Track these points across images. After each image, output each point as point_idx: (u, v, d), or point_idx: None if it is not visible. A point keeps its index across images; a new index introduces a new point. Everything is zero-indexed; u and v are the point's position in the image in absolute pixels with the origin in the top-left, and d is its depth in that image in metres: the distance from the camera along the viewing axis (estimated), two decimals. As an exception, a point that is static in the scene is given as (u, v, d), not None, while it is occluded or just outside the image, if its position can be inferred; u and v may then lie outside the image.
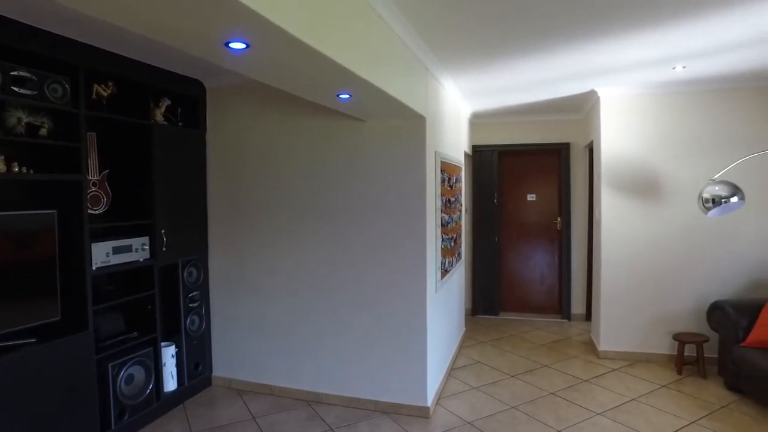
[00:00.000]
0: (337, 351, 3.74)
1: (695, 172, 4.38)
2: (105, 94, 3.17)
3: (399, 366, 3.57)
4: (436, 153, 3.81)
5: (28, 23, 2.55)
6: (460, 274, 5.18)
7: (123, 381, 3.15)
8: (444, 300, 4.20)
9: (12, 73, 2.54)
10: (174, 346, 3.68)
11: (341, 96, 2.77)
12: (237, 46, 1.83)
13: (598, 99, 4.68)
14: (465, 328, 5.60)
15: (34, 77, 2.62)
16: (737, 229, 4.34)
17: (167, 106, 3.61)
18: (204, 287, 3.99)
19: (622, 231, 4.58)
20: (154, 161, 3.42)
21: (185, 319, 3.76)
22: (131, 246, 3.26)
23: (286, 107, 3.81)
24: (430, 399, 3.55)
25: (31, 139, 2.71)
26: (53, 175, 2.79)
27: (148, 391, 3.34)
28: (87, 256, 2.91)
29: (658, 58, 3.50)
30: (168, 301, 3.70)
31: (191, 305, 3.83)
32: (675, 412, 3.51)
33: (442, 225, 4.02)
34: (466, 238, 6.06)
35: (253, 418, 3.51)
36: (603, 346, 4.68)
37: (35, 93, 2.63)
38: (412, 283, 3.52)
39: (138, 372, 3.28)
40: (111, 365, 3.07)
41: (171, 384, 3.63)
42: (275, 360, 3.91)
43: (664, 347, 4.53)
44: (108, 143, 3.33)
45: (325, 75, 2.29)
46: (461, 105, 5.18)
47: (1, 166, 2.55)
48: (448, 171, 4.28)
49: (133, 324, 3.41)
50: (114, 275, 3.32)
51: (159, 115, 3.54)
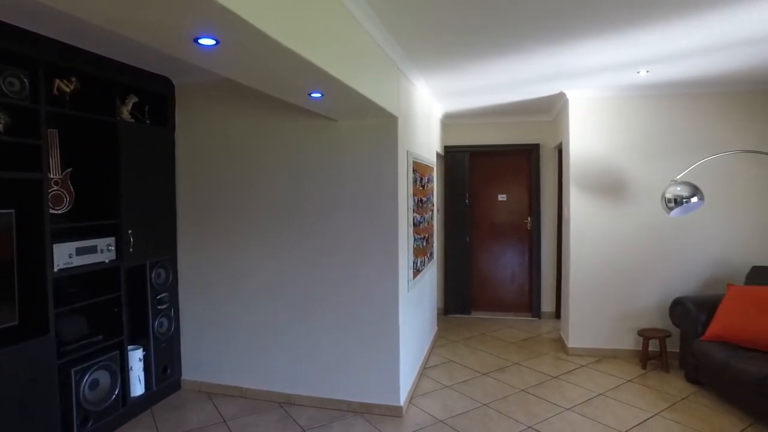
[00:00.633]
0: (310, 351, 3.71)
1: (659, 172, 4.53)
2: (68, 89, 3.07)
3: (372, 366, 3.57)
4: (408, 153, 3.82)
5: (-18, 14, 2.45)
6: (432, 273, 5.21)
7: (87, 386, 3.05)
8: (416, 299, 4.22)
9: (-34, 67, 2.43)
10: (141, 349, 3.58)
11: (313, 95, 2.75)
12: (206, 42, 1.80)
13: (566, 101, 4.79)
14: (437, 327, 5.64)
15: (-12, 70, 2.52)
16: (697, 229, 4.51)
17: (134, 103, 3.52)
18: (173, 289, 3.91)
19: (589, 230, 4.69)
20: (120, 160, 3.33)
21: (153, 322, 3.68)
22: (96, 247, 3.16)
23: (257, 106, 3.77)
24: (402, 398, 3.56)
25: (-13, 136, 2.61)
26: (11, 173, 2.68)
27: (113, 397, 3.25)
28: (48, 257, 2.80)
29: (623, 62, 3.60)
30: (135, 304, 3.60)
31: (160, 307, 3.74)
32: (639, 405, 3.62)
33: (414, 225, 4.04)
34: (437, 237, 6.10)
35: (224, 421, 3.45)
36: (572, 343, 4.78)
37: (-10, 87, 2.53)
38: (384, 283, 3.52)
39: (103, 377, 3.18)
40: (74, 370, 2.97)
41: (138, 388, 3.54)
42: (246, 362, 3.86)
43: (629, 343, 4.66)
44: (71, 141, 3.23)
45: (297, 73, 2.27)
46: (433, 106, 5.22)
47: (-44, 163, 2.44)
48: (420, 171, 4.30)
49: (99, 327, 3.31)
50: (78, 277, 3.21)
51: (125, 113, 3.44)
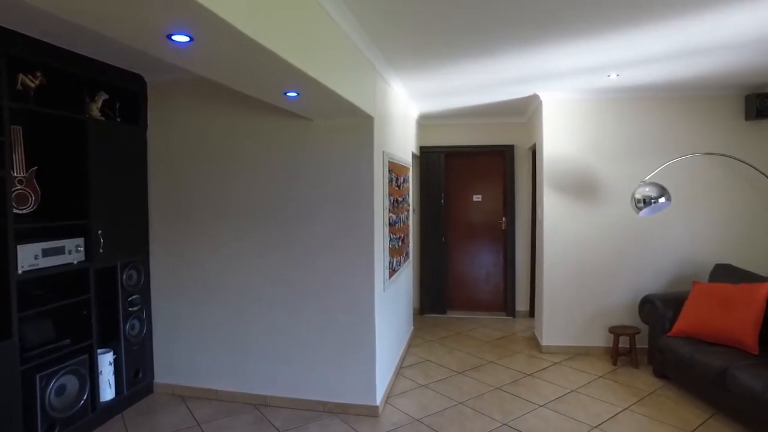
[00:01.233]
0: (285, 352, 3.68)
1: (629, 174, 4.65)
2: (32, 85, 2.98)
3: (348, 366, 3.57)
4: (384, 153, 3.84)
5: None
6: (407, 273, 5.23)
7: (53, 392, 2.95)
8: (392, 299, 4.23)
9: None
10: (112, 352, 3.50)
11: (289, 94, 2.74)
12: (180, 39, 1.77)
13: (540, 103, 4.87)
14: (413, 326, 5.67)
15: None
16: (665, 228, 4.64)
17: (104, 100, 3.43)
18: (145, 290, 3.83)
19: (562, 230, 4.79)
20: (89, 158, 3.24)
21: (125, 324, 3.59)
22: (64, 247, 3.07)
23: (231, 105, 3.72)
24: (379, 398, 3.57)
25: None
26: (-26, 172, 2.59)
27: (81, 402, 3.16)
28: (12, 258, 2.71)
29: (594, 65, 3.69)
30: (106, 306, 3.51)
31: (131, 309, 3.66)
32: (610, 400, 3.71)
33: (389, 225, 4.05)
34: (413, 237, 6.13)
35: (198, 424, 3.40)
36: (545, 341, 4.86)
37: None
38: (360, 283, 3.53)
39: (70, 382, 3.09)
40: (39, 376, 2.87)
41: (108, 393, 3.45)
42: (221, 364, 3.81)
43: (601, 340, 4.77)
44: (37, 138, 3.13)
45: (273, 72, 2.25)
46: (409, 106, 5.24)
47: None
48: (395, 171, 4.32)
49: (67, 331, 3.22)
50: (44, 279, 3.12)
51: (95, 110, 3.36)
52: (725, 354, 3.43)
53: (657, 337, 4.10)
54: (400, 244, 4.53)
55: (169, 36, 1.73)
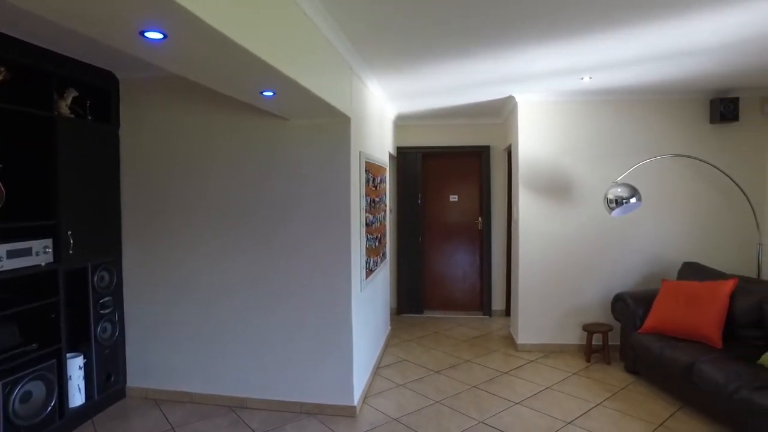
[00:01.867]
0: (261, 353, 3.65)
1: (602, 174, 4.75)
2: (-2, 81, 2.88)
3: (325, 366, 3.55)
4: (360, 153, 3.84)
5: None
6: (384, 273, 5.24)
7: (17, 400, 2.85)
8: (369, 299, 4.24)
9: None
10: (82, 356, 3.41)
11: (265, 93, 2.71)
12: (153, 36, 1.73)
13: (515, 104, 4.94)
14: (390, 326, 5.68)
15: None
16: (636, 228, 4.76)
17: (74, 97, 3.35)
18: (117, 292, 3.74)
19: (537, 230, 4.86)
20: (58, 157, 3.16)
21: (96, 327, 3.51)
22: (31, 249, 2.98)
23: (206, 103, 3.67)
24: (356, 398, 3.56)
25: None
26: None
27: (49, 409, 3.06)
28: (-23, 260, 2.62)
29: (567, 68, 3.76)
30: (76, 309, 3.43)
31: (103, 312, 3.57)
32: (583, 396, 3.79)
33: (366, 225, 4.06)
34: (390, 237, 6.15)
35: (172, 428, 3.34)
36: (521, 339, 4.93)
37: None
38: (337, 283, 3.52)
39: (37, 388, 2.99)
40: (3, 383, 2.77)
41: (78, 398, 3.36)
42: (195, 366, 3.75)
43: (575, 338, 4.86)
44: (2, 136, 3.03)
45: (248, 71, 2.23)
46: (386, 107, 5.25)
47: None
48: (372, 171, 4.33)
49: (34, 335, 3.12)
50: (10, 281, 3.02)
51: (64, 107, 3.27)
52: (692, 349, 3.53)
53: (628, 334, 4.20)
54: (377, 244, 4.53)
55: (142, 33, 1.70)
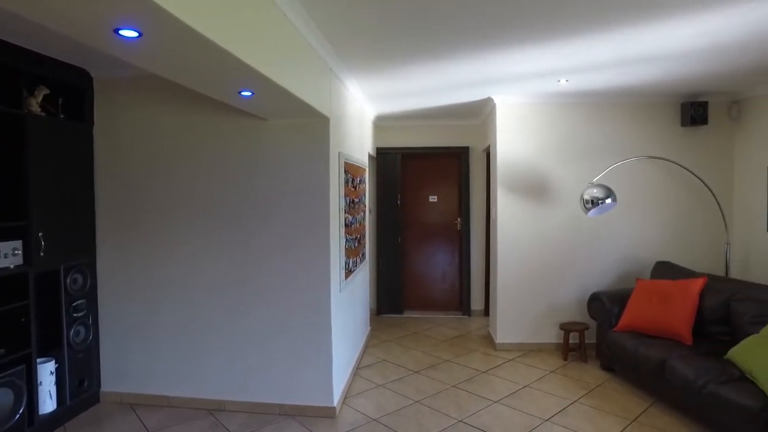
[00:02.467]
0: (240, 356, 3.61)
1: (578, 175, 4.84)
2: (-35, 78, 2.80)
3: (304, 367, 3.54)
4: (339, 154, 3.83)
5: None
6: (364, 274, 5.24)
7: (-17, 407, 2.77)
8: (349, 300, 4.23)
9: None
10: (54, 361, 3.33)
11: (243, 93, 2.69)
12: (128, 34, 1.70)
13: (494, 106, 5.00)
14: (370, 327, 5.68)
15: None
16: (611, 228, 4.86)
17: (45, 95, 3.27)
18: (92, 294, 3.66)
19: (515, 230, 4.92)
20: (28, 156, 3.07)
21: (68, 331, 3.42)
22: (-1, 251, 2.90)
23: (184, 102, 3.62)
24: (336, 399, 3.56)
25: None
26: None
27: (17, 417, 2.96)
28: (-57, 263, 2.54)
29: (544, 70, 3.82)
30: (47, 312, 3.34)
31: (76, 315, 3.49)
32: (561, 394, 3.85)
33: (345, 225, 4.05)
34: (370, 238, 6.15)
35: (148, 433, 3.29)
36: (500, 338, 4.99)
37: None
38: (315, 284, 3.51)
39: (4, 395, 2.89)
40: (-31, 390, 2.70)
41: (49, 405, 3.27)
42: (173, 369, 3.69)
43: (553, 336, 4.93)
44: (-30, 135, 2.95)
45: (226, 70, 2.21)
46: (365, 107, 5.26)
47: None
48: (351, 172, 4.32)
49: (2, 340, 3.03)
50: (-22, 285, 2.94)
51: (35, 105, 3.19)
52: (664, 346, 3.62)
53: (604, 332, 4.28)
54: (356, 244, 4.53)
55: (117, 31, 1.67)
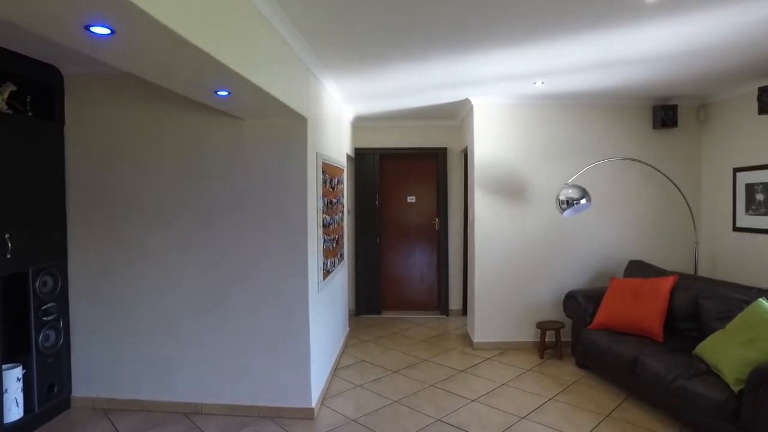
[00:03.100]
0: (216, 358, 3.57)
1: (554, 176, 4.92)
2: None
3: (282, 369, 3.51)
4: (317, 154, 3.82)
5: None
6: (342, 274, 5.23)
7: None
8: (327, 301, 4.22)
9: None
10: (21, 367, 3.22)
11: (219, 93, 2.66)
12: (100, 30, 1.67)
13: (471, 107, 5.04)
14: (349, 327, 5.67)
15: None
16: (586, 227, 4.95)
17: (11, 92, 3.17)
18: (62, 297, 3.57)
19: (493, 230, 4.97)
20: (-5, 156, 2.99)
21: (37, 335, 3.33)
22: (-35, 253, 2.81)
23: (159, 101, 3.56)
24: (314, 400, 3.54)
25: None
26: None
27: (-18, 424, 2.88)
28: None
29: (520, 73, 3.87)
30: (14, 316, 3.24)
31: (45, 319, 3.40)
32: (537, 391, 3.90)
33: (323, 226, 4.04)
34: (348, 239, 6.14)
35: (121, 438, 3.22)
36: (477, 338, 5.03)
37: None
38: (293, 285, 3.49)
39: (-29, 401, 2.82)
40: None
41: (15, 412, 3.16)
42: (147, 372, 3.62)
43: (529, 335, 5.00)
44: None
45: (201, 70, 2.18)
46: (344, 108, 5.25)
47: None
48: (329, 172, 4.31)
49: (-32, 344, 2.94)
50: (-58, 288, 2.83)
51: (0, 102, 3.09)
52: (636, 343, 3.71)
53: (579, 330, 4.36)
54: (334, 245, 4.52)
55: (88, 27, 1.64)
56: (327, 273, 4.12)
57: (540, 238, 4.96)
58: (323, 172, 4.01)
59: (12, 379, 3.14)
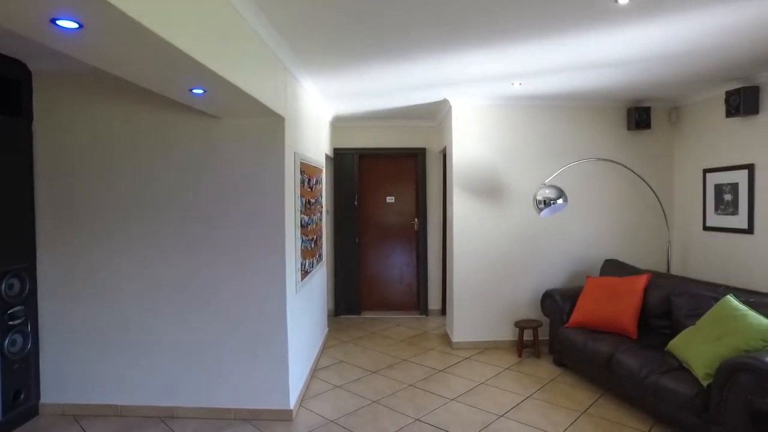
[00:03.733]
0: (191, 360, 3.50)
1: (532, 176, 4.97)
2: None
3: (260, 371, 3.47)
4: (295, 154, 3.78)
5: None
6: (321, 275, 5.20)
7: None
8: (305, 301, 4.18)
9: None
10: (-13, 372, 3.12)
11: (195, 91, 2.61)
12: (66, 24, 1.62)
13: (450, 108, 5.06)
14: (328, 328, 5.64)
15: None
16: (563, 228, 5.02)
17: (-23, 89, 3.07)
18: (30, 300, 3.45)
19: (471, 230, 5.00)
20: (-42, 154, 2.88)
21: (3, 340, 3.22)
22: (-74, 255, 2.69)
23: (133, 99, 3.48)
24: (292, 401, 3.50)
25: None
26: None
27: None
28: None
29: (498, 74, 3.90)
30: (-21, 320, 3.13)
31: (12, 323, 3.29)
32: (515, 389, 3.94)
33: (302, 226, 4.01)
34: (327, 239, 6.11)
35: (93, 444, 3.13)
36: (456, 337, 5.05)
37: None
38: (270, 285, 3.44)
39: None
40: None
41: (-17, 418, 3.08)
42: (120, 376, 3.53)
43: (508, 334, 5.04)
44: None
45: (174, 67, 2.14)
46: (322, 107, 5.22)
47: None
48: (308, 172, 4.28)
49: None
50: None
51: (-35, 100, 2.99)
52: (611, 340, 3.77)
53: (556, 329, 4.42)
54: (312, 245, 4.48)
55: (54, 21, 1.58)
56: (305, 273, 4.09)
57: (518, 237, 5.01)
58: (301, 171, 3.98)
59: (-23, 386, 3.04)
